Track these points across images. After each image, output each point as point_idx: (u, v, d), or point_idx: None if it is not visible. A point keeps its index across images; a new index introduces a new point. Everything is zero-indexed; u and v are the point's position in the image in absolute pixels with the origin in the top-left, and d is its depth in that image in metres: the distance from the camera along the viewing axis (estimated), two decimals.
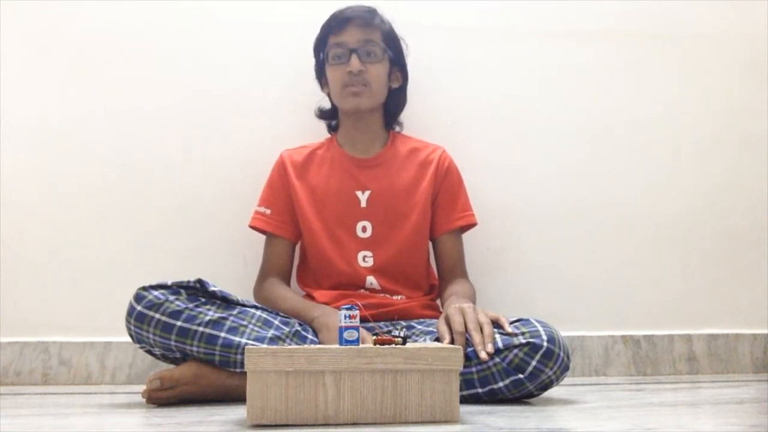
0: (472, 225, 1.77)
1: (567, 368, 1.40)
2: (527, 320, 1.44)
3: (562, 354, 1.38)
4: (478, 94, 1.96)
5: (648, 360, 1.93)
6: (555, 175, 1.97)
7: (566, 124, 1.98)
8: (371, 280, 1.68)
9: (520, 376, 1.37)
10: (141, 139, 1.87)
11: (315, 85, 1.79)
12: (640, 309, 1.96)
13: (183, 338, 1.42)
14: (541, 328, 1.40)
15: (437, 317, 1.55)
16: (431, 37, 1.92)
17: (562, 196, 1.96)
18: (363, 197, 1.71)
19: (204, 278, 1.48)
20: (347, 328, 1.19)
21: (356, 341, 1.18)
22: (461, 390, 1.24)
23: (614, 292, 1.96)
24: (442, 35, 1.95)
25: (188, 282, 1.47)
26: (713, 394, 1.59)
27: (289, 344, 1.46)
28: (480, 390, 1.39)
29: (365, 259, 1.69)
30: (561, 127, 1.98)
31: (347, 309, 1.20)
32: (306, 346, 1.35)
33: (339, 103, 1.73)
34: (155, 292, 1.45)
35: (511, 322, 1.43)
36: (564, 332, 1.45)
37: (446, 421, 1.15)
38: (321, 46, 1.73)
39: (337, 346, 1.16)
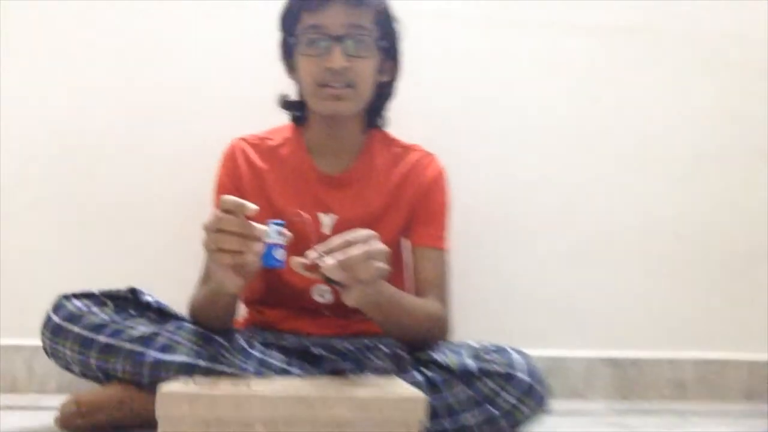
0: (439, 249, 1.48)
1: (544, 405, 1.27)
2: (503, 349, 1.28)
3: (542, 391, 1.25)
4: (461, 89, 1.82)
5: (632, 384, 1.82)
6: (536, 184, 1.84)
7: (552, 128, 1.86)
8: (328, 314, 1.44)
9: (492, 410, 1.22)
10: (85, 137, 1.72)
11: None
12: (625, 329, 1.85)
13: (106, 356, 1.23)
14: (520, 360, 1.26)
15: None
16: (413, 23, 1.72)
17: (544, 205, 1.84)
18: (328, 222, 1.42)
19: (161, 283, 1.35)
20: (275, 246, 1.05)
21: (282, 263, 1.07)
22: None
23: (598, 309, 1.84)
24: (425, 22, 1.77)
25: (118, 291, 1.30)
26: (702, 422, 1.52)
27: (232, 362, 1.26)
28: (446, 423, 1.22)
29: (324, 295, 1.42)
30: (546, 133, 1.85)
31: (276, 224, 1.06)
32: (234, 387, 1.13)
33: (312, 104, 1.40)
34: (77, 302, 1.27)
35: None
36: (543, 352, 1.39)
37: None
38: (290, 22, 1.38)
39: (270, 392, 0.99)
